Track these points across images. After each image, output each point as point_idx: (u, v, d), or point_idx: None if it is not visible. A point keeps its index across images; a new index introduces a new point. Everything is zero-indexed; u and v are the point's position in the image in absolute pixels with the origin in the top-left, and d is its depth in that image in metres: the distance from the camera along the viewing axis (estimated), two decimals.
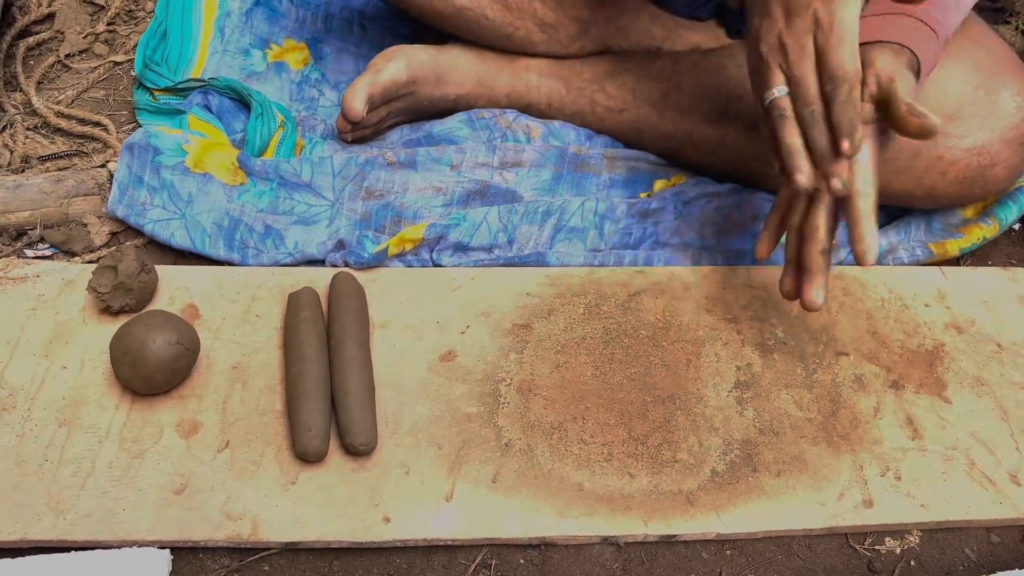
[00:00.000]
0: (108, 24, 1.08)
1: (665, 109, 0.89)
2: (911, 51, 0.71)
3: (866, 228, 0.69)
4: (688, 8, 0.95)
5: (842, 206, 0.71)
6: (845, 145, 0.65)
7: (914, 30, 0.72)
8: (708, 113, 0.87)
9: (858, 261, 0.69)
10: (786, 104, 0.68)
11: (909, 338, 0.80)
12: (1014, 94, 0.80)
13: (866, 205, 0.69)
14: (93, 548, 0.62)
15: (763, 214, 0.88)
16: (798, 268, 0.74)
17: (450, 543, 0.65)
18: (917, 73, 0.72)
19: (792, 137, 0.67)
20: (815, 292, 0.71)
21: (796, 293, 0.74)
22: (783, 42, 0.68)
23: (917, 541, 0.68)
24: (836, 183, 0.66)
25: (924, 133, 0.67)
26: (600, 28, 0.94)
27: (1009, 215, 0.88)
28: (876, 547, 0.68)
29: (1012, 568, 0.65)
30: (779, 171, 0.70)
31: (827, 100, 0.66)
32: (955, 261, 0.89)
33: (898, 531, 0.68)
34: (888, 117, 0.69)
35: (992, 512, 0.68)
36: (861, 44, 0.68)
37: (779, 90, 0.68)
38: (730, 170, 0.90)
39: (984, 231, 0.87)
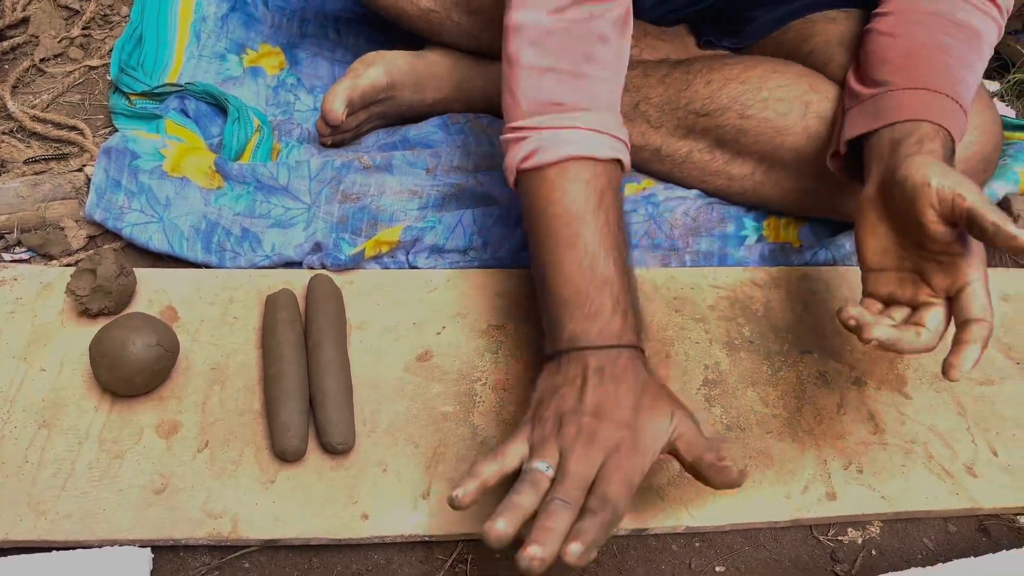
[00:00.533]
0: (83, 28, 1.08)
1: (634, 120, 0.90)
2: (945, 129, 0.68)
3: (968, 353, 0.61)
4: (655, 11, 0.97)
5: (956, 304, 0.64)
6: (576, 547, 0.56)
7: (940, 105, 0.70)
8: (675, 128, 0.89)
9: (944, 371, 0.62)
10: (543, 480, 0.60)
11: None
12: (971, 129, 0.79)
13: (979, 334, 0.62)
14: (74, 548, 0.63)
15: (730, 217, 0.90)
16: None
17: (427, 539, 0.66)
18: (952, 152, 0.69)
19: (526, 501, 0.59)
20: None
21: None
22: (570, 445, 0.61)
23: (878, 531, 0.70)
24: (570, 551, 0.56)
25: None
26: None
27: None
28: (839, 538, 0.70)
29: (968, 556, 0.68)
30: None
31: (587, 509, 0.58)
32: None
33: (860, 522, 0.71)
34: (974, 233, 0.61)
35: (949, 503, 0.71)
36: (895, 123, 0.68)
37: (546, 466, 0.60)
38: (697, 184, 0.91)
39: None
